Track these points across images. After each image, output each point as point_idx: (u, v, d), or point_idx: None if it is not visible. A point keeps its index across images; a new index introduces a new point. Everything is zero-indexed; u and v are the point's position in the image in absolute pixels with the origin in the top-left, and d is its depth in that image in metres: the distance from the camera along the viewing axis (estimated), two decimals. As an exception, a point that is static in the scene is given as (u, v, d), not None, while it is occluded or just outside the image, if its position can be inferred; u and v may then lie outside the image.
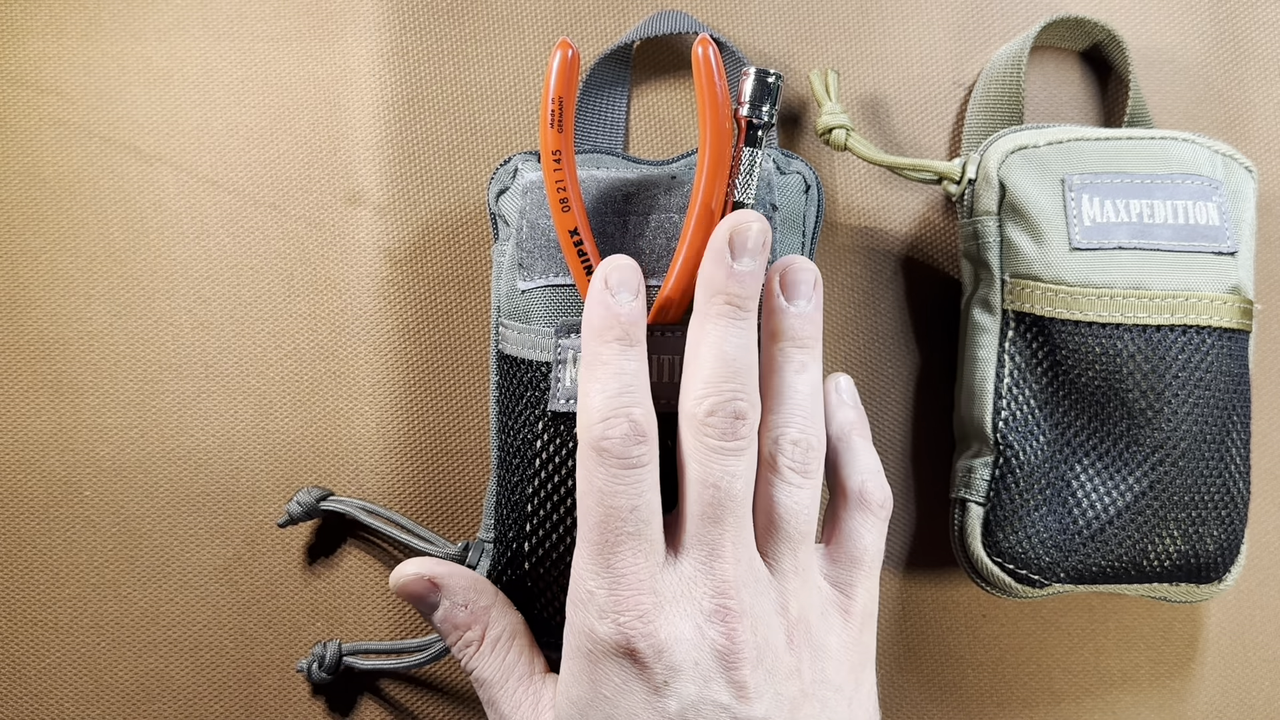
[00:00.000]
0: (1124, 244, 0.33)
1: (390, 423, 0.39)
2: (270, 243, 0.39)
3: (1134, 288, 0.33)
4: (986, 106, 0.39)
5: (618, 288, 0.29)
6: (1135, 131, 0.35)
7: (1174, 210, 0.34)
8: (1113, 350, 0.33)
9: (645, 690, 0.26)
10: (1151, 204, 0.34)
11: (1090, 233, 0.33)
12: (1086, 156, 0.34)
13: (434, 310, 0.39)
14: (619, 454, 0.27)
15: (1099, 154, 0.34)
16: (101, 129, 0.39)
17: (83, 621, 0.38)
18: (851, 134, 0.37)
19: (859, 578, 0.30)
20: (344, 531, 0.39)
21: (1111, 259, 0.33)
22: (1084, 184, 0.34)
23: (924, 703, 0.39)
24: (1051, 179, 0.34)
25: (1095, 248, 0.33)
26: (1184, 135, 0.35)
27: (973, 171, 0.36)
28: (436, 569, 0.32)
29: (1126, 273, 0.33)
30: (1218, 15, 0.41)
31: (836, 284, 0.40)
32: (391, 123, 0.40)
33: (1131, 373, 0.33)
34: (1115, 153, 0.34)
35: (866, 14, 0.41)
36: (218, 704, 0.38)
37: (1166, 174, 0.34)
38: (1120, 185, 0.34)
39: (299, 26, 0.40)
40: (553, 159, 0.30)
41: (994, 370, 0.35)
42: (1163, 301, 0.33)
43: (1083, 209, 0.34)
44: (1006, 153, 0.35)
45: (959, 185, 0.36)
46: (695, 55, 0.30)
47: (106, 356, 0.39)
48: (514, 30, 0.40)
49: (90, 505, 0.38)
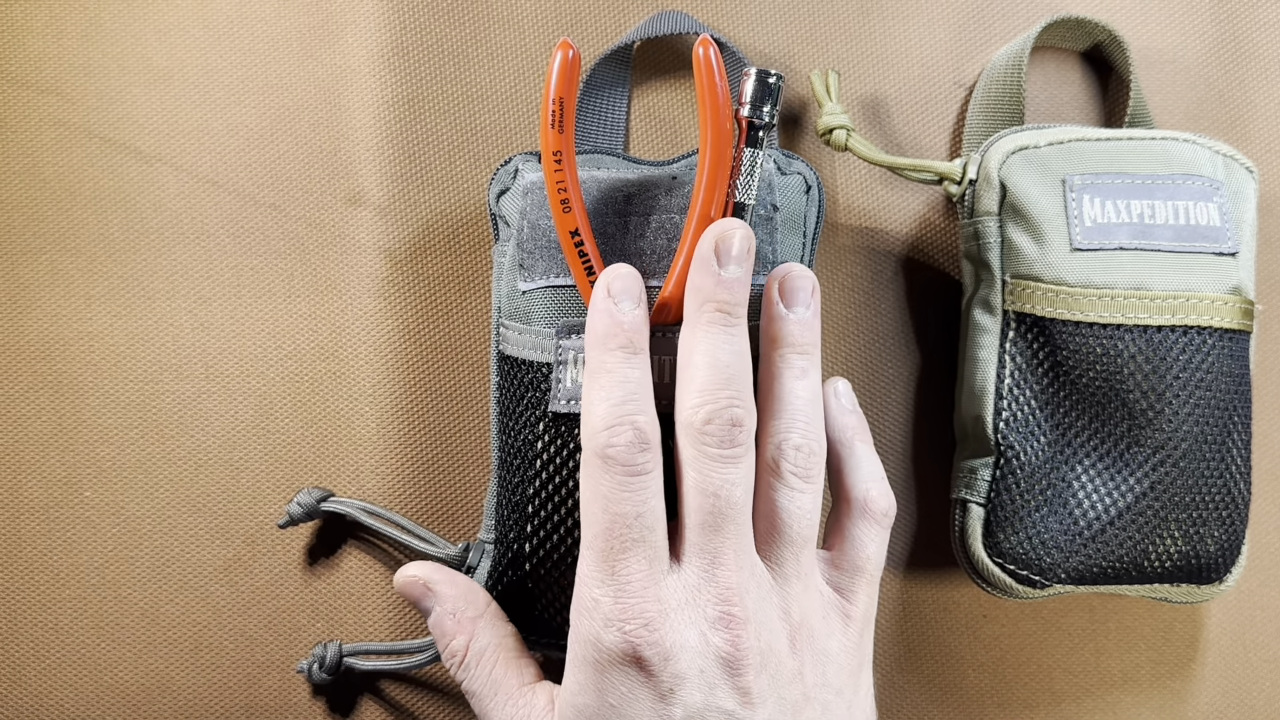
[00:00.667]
0: (1125, 245, 0.33)
1: (390, 423, 0.39)
2: (270, 243, 0.39)
3: (1135, 288, 0.33)
4: (987, 107, 0.39)
5: (620, 296, 0.29)
6: (1136, 132, 0.35)
7: (1175, 211, 0.33)
8: (1114, 351, 0.33)
9: (651, 698, 0.26)
10: (1152, 204, 0.34)
11: (1091, 233, 0.33)
12: (1087, 157, 0.34)
13: (434, 310, 0.39)
14: (624, 461, 0.27)
15: (1100, 154, 0.34)
16: (101, 129, 0.39)
17: (83, 622, 0.38)
18: (852, 134, 0.37)
19: (860, 584, 0.30)
20: (344, 532, 0.39)
21: (1112, 260, 0.33)
22: (1085, 184, 0.34)
23: (925, 703, 0.39)
24: (1052, 179, 0.34)
25: (1096, 248, 0.33)
26: (1185, 136, 0.35)
27: (973, 172, 0.36)
28: (433, 574, 0.32)
29: (1127, 273, 0.33)
30: (1218, 15, 0.41)
31: (837, 284, 0.40)
32: (391, 123, 0.40)
33: (1133, 373, 0.33)
34: (1116, 153, 0.34)
35: (867, 14, 0.41)
36: (218, 704, 0.38)
37: (1167, 174, 0.34)
38: (1121, 186, 0.34)
39: (299, 26, 0.40)
40: (553, 159, 0.30)
41: (995, 371, 0.35)
42: (1164, 302, 0.33)
43: (1084, 209, 0.33)
44: (1007, 153, 0.35)
45: (960, 186, 0.36)
46: (696, 56, 0.30)
47: (107, 357, 0.39)
48: (514, 30, 0.40)
49: (90, 505, 0.38)
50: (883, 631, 0.39)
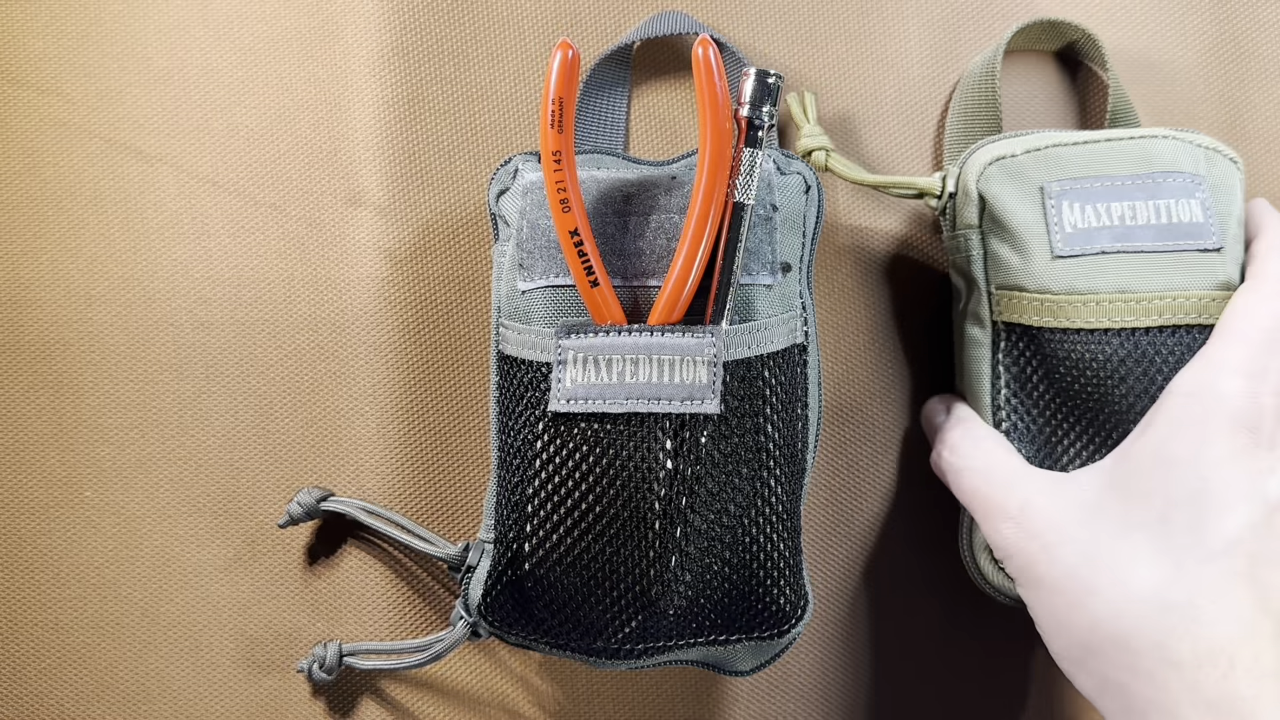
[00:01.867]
0: (1107, 249, 0.33)
1: (390, 423, 0.39)
2: (270, 243, 0.39)
3: (1119, 292, 0.33)
4: (964, 116, 0.39)
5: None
6: (1115, 133, 0.35)
7: (1156, 210, 0.33)
8: (1102, 356, 0.33)
9: (1250, 466, 0.28)
10: (1133, 205, 0.33)
11: (1072, 239, 0.33)
12: (1065, 162, 0.34)
13: (434, 310, 0.39)
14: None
15: (1079, 158, 0.34)
16: (101, 129, 0.39)
17: (83, 621, 0.38)
18: (831, 154, 0.37)
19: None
20: (344, 532, 0.39)
21: (1096, 264, 0.33)
22: (1063, 190, 0.33)
23: (935, 707, 0.39)
24: (1031, 188, 0.34)
25: (1078, 254, 0.33)
26: (1164, 132, 0.34)
27: (952, 185, 0.35)
28: None
29: (1111, 277, 0.33)
30: (1217, 15, 0.41)
31: (836, 284, 0.40)
32: (391, 123, 0.40)
33: (1124, 377, 0.32)
34: (1095, 156, 0.34)
35: (867, 15, 0.41)
36: (218, 704, 0.38)
37: (1147, 173, 0.33)
38: (1100, 189, 0.33)
39: (299, 26, 0.40)
40: (553, 159, 0.30)
41: (989, 384, 0.35)
42: (1149, 304, 0.33)
43: (1063, 216, 0.33)
44: (984, 164, 0.34)
45: (940, 200, 0.36)
46: (695, 56, 0.30)
47: (107, 356, 0.39)
48: (514, 30, 0.40)
49: (90, 505, 0.38)
50: (886, 640, 0.39)
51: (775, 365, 0.32)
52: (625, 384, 0.30)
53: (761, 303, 0.32)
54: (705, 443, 0.31)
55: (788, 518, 0.32)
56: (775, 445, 0.32)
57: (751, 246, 0.32)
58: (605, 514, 0.31)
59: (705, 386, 0.30)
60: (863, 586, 0.39)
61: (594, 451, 0.31)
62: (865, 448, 0.40)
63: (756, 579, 0.32)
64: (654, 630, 0.32)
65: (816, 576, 0.39)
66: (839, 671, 0.39)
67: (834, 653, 0.39)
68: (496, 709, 0.39)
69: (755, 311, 0.32)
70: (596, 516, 0.31)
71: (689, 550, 0.31)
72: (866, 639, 0.39)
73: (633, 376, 0.30)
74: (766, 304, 0.32)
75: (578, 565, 0.31)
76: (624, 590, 0.31)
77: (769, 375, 0.32)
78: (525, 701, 0.39)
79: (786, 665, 0.39)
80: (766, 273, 0.32)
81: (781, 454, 0.32)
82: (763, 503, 0.32)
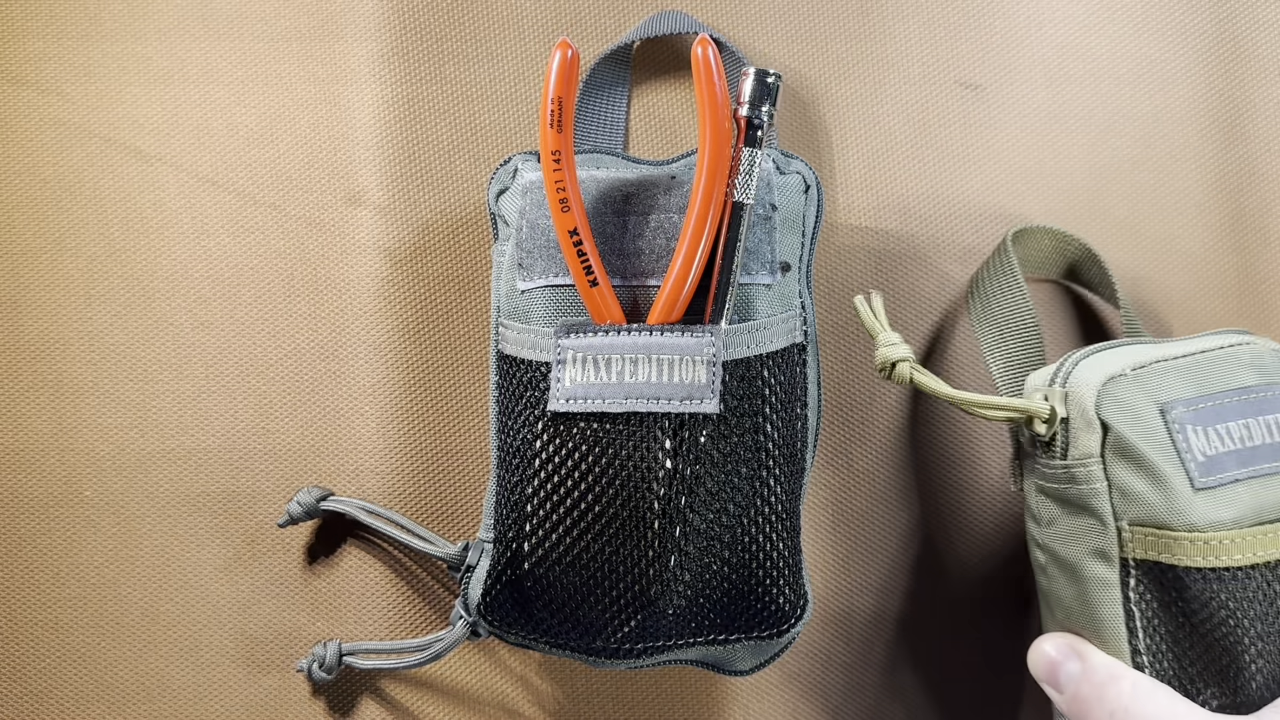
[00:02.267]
0: (1239, 476, 0.30)
1: (390, 423, 0.39)
2: (270, 243, 0.39)
3: (1257, 521, 0.30)
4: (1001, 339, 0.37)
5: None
6: (1192, 343, 0.32)
7: (1267, 427, 0.31)
8: (1239, 593, 0.30)
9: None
10: (1246, 424, 0.31)
11: (1206, 468, 0.30)
12: (1170, 379, 0.31)
13: (434, 310, 0.39)
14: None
15: (1180, 374, 0.31)
16: (101, 129, 0.39)
17: (83, 621, 0.38)
18: (916, 368, 0.32)
19: None
20: (344, 531, 0.39)
21: (1230, 493, 0.30)
22: (1186, 415, 0.30)
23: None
24: (1149, 410, 0.30)
25: (1215, 485, 0.30)
26: (1235, 338, 0.32)
27: (1062, 408, 0.31)
28: None
29: (1245, 506, 0.30)
30: (1217, 15, 0.41)
31: (836, 284, 0.40)
32: (391, 123, 0.40)
33: (1260, 615, 0.30)
34: (1193, 369, 0.31)
35: (867, 14, 0.41)
36: (218, 704, 0.38)
37: (1242, 387, 0.31)
38: (1214, 409, 0.31)
39: (299, 26, 0.40)
40: (552, 159, 0.30)
41: (1124, 626, 0.31)
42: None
43: (1191, 443, 0.30)
44: (1099, 384, 0.31)
45: (1048, 426, 0.31)
46: (695, 55, 0.30)
47: (107, 356, 0.39)
48: (514, 30, 0.40)
49: (90, 505, 0.38)
50: (884, 641, 0.39)
51: (774, 365, 0.32)
52: (624, 383, 0.30)
53: (761, 302, 0.32)
54: (704, 442, 0.31)
55: (787, 517, 0.32)
56: (775, 445, 0.32)
57: (751, 246, 0.32)
58: (604, 513, 0.31)
59: (704, 386, 0.30)
60: (862, 586, 0.39)
61: (593, 451, 0.31)
62: (865, 448, 0.40)
63: (756, 578, 0.32)
64: (653, 630, 0.32)
65: (816, 576, 0.39)
66: (839, 671, 0.39)
67: (833, 652, 0.39)
68: (496, 708, 0.39)
69: (754, 311, 0.32)
70: (596, 516, 0.31)
71: (688, 550, 0.31)
72: (866, 639, 0.39)
73: (632, 376, 0.30)
74: (766, 303, 0.32)
75: (577, 565, 0.31)
76: (623, 590, 0.31)
77: (768, 375, 0.32)
78: (525, 701, 0.39)
79: (786, 665, 0.39)
80: (766, 272, 0.32)
81: (781, 454, 0.32)
82: (762, 502, 0.32)
